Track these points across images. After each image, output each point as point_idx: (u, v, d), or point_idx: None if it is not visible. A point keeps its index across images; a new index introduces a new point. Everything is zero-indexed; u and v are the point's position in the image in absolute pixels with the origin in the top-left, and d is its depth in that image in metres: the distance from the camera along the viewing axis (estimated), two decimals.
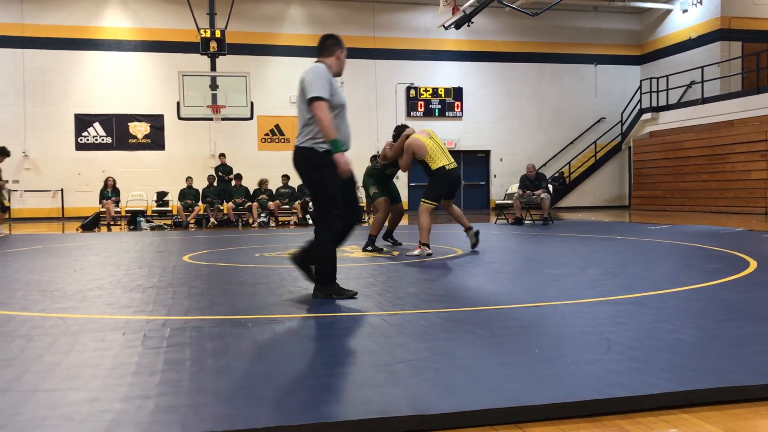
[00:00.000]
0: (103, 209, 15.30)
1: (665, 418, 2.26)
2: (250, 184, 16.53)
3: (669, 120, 20.29)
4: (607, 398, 2.33)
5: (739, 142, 17.14)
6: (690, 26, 21.40)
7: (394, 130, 8.47)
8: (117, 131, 20.00)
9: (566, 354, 2.95)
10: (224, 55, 16.04)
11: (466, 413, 2.22)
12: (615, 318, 3.70)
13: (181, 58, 19.37)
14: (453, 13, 18.92)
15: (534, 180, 13.73)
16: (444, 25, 20.18)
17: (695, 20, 21.17)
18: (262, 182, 16.24)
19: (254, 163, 19.81)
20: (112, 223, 15.41)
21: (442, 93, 22.25)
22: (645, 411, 2.31)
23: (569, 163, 23.06)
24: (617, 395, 2.35)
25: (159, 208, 16.73)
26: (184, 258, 7.52)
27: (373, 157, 11.44)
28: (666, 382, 2.48)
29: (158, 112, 20.12)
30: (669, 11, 22.32)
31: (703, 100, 19.01)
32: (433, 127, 22.39)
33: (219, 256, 7.74)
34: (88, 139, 19.85)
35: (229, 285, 5.27)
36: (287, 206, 16.05)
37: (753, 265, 6.01)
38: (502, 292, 4.75)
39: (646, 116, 21.16)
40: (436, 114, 22.18)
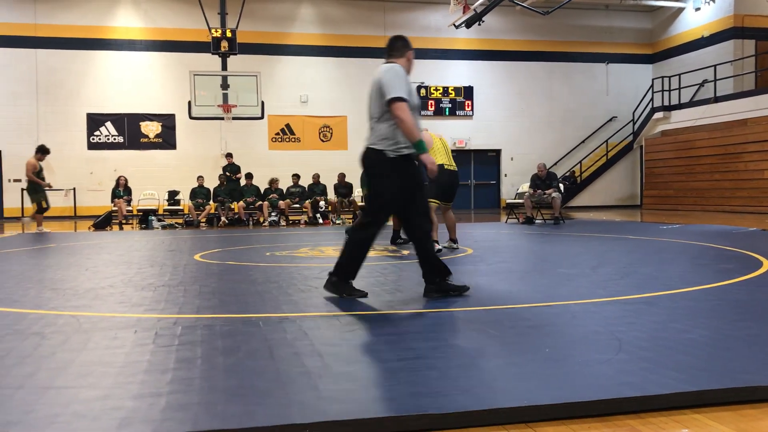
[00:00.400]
0: (115, 208, 15.39)
1: (677, 418, 2.25)
2: (261, 183, 16.57)
3: (681, 119, 20.17)
4: (617, 398, 2.32)
5: (752, 141, 17.01)
6: (702, 24, 21.25)
7: None
8: (129, 131, 20.10)
9: (577, 354, 2.94)
10: (235, 54, 16.08)
11: (476, 412, 2.21)
12: (626, 318, 3.69)
13: (193, 58, 19.44)
14: (464, 12, 18.89)
15: (545, 179, 13.68)
16: (455, 24, 20.14)
17: (708, 18, 21.02)
18: (273, 181, 16.28)
19: (265, 163, 19.85)
20: (123, 221, 15.50)
21: (453, 92, 22.20)
22: (656, 411, 2.30)
23: (580, 162, 22.97)
24: (628, 395, 2.34)
25: (170, 207, 16.81)
26: (196, 257, 7.55)
27: None
28: (677, 382, 2.47)
29: (170, 111, 20.20)
30: (681, 9, 22.18)
31: (716, 99, 18.88)
32: (443, 127, 22.43)
33: (230, 255, 7.77)
34: (100, 139, 19.96)
35: (239, 284, 5.29)
36: (298, 205, 16.08)
37: (766, 265, 5.97)
38: (512, 291, 4.74)
39: (658, 115, 21.04)
40: (447, 113, 22.14)
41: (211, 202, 16.11)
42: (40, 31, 19.53)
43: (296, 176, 16.69)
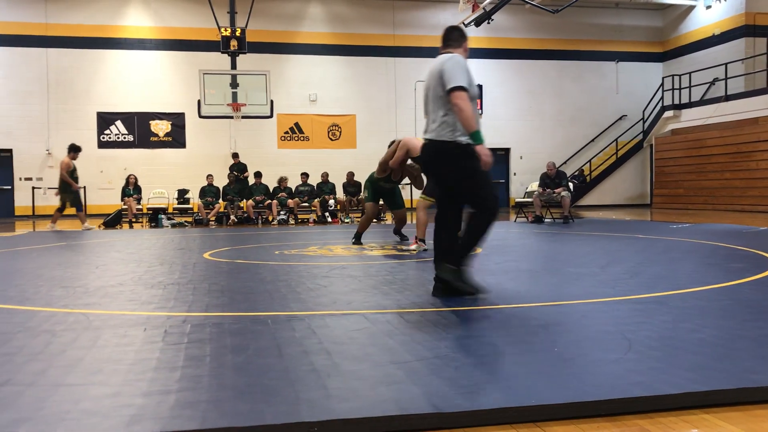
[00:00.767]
0: (125, 206, 15.46)
1: (686, 419, 2.24)
2: (270, 182, 16.60)
3: (691, 117, 20.06)
4: (627, 398, 2.31)
5: (764, 140, 16.90)
6: (714, 22, 21.12)
7: (390, 143, 8.47)
8: (139, 129, 20.19)
9: (586, 353, 2.93)
10: (244, 53, 16.12)
11: (485, 411, 2.21)
12: (635, 317, 3.67)
13: (202, 57, 19.51)
14: (473, 11, 18.86)
15: (554, 178, 13.64)
16: (464, 23, 20.08)
17: (719, 16, 20.89)
18: (282, 180, 16.31)
19: (274, 161, 19.90)
20: (133, 220, 15.57)
21: None
22: (666, 411, 2.29)
23: (590, 161, 22.89)
24: (637, 395, 2.33)
25: (180, 205, 16.87)
26: (205, 255, 7.58)
27: None
28: (687, 382, 2.46)
29: (179, 110, 20.28)
30: (692, 7, 22.05)
31: (727, 98, 18.77)
32: None
33: (239, 254, 7.79)
34: (110, 137, 20.06)
35: (248, 282, 5.30)
36: (306, 204, 16.10)
37: None
38: (521, 290, 4.72)
39: (668, 114, 20.94)
40: None
41: (220, 200, 16.16)
42: (51, 31, 19.64)
43: (305, 175, 16.72)
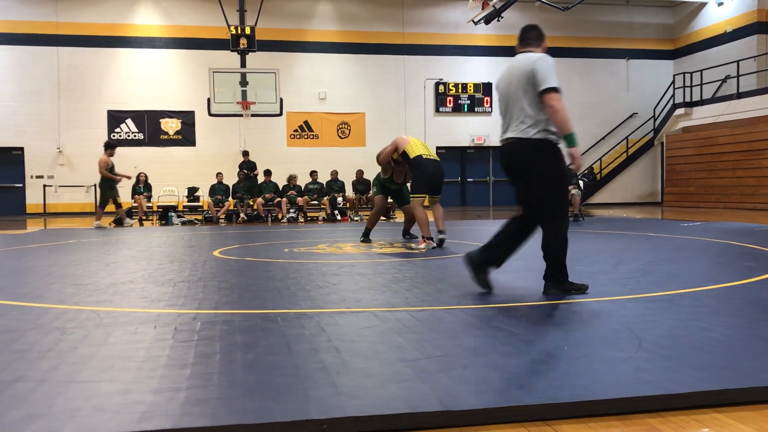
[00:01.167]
0: (136, 204, 15.53)
1: (697, 418, 2.23)
2: (280, 180, 16.63)
3: (703, 115, 19.94)
4: (637, 396, 2.30)
5: None
6: (725, 19, 20.97)
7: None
8: (149, 127, 20.27)
9: (596, 351, 2.92)
10: (254, 51, 16.14)
11: (495, 410, 2.21)
12: (646, 316, 3.65)
13: (212, 55, 19.54)
14: (482, 8, 18.80)
15: None
16: (473, 20, 20.04)
17: (731, 13, 20.74)
18: (291, 178, 16.33)
19: (283, 159, 19.93)
20: (144, 218, 15.63)
21: (471, 88, 22.13)
22: (676, 410, 2.28)
23: (600, 159, 22.79)
24: (648, 393, 2.32)
25: (190, 203, 16.92)
26: (215, 253, 7.60)
27: None
28: (698, 381, 2.44)
29: (189, 108, 20.34)
30: (704, 4, 21.91)
31: (739, 95, 18.64)
32: (461, 123, 22.38)
33: (249, 251, 7.81)
34: (120, 135, 20.13)
35: (258, 280, 5.31)
36: (316, 202, 16.12)
37: None
38: (531, 288, 4.71)
39: (680, 111, 20.82)
40: (465, 110, 22.07)
41: (230, 198, 16.20)
42: (62, 29, 19.74)
43: (314, 173, 16.74)
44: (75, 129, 19.87)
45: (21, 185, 19.90)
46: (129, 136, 20.17)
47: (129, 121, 20.18)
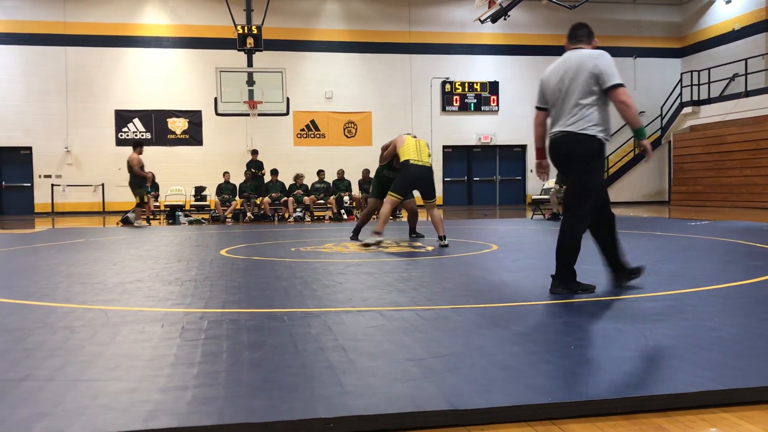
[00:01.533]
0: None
1: (705, 417, 2.22)
2: (286, 179, 16.66)
3: (711, 114, 19.85)
4: (644, 396, 2.30)
5: None
6: (734, 17, 20.87)
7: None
8: (156, 127, 20.33)
9: (603, 351, 2.91)
10: (260, 51, 16.16)
11: (501, 409, 2.21)
12: (653, 315, 3.64)
13: (219, 55, 19.58)
14: (489, 7, 18.78)
15: None
16: (480, 19, 20.01)
17: (739, 11, 20.65)
18: (298, 177, 16.35)
19: (290, 159, 19.96)
20: (151, 217, 15.67)
21: (478, 87, 22.10)
22: (684, 409, 2.27)
23: (607, 157, 22.72)
24: (655, 393, 2.31)
25: (197, 202, 16.96)
26: (222, 252, 7.62)
27: None
28: (706, 381, 2.44)
29: (196, 108, 20.39)
30: (711, 2, 21.82)
31: (747, 93, 18.55)
32: (468, 122, 22.33)
33: (255, 251, 7.82)
34: (128, 135, 20.21)
35: (265, 279, 5.32)
36: (322, 201, 16.14)
37: None
38: (538, 288, 4.70)
39: (687, 110, 20.74)
40: (472, 108, 22.05)
41: (237, 197, 16.23)
42: (70, 29, 19.82)
43: (321, 172, 16.76)
44: (83, 128, 19.96)
45: (29, 185, 20.00)
46: (136, 135, 20.22)
47: (136, 121, 20.25)
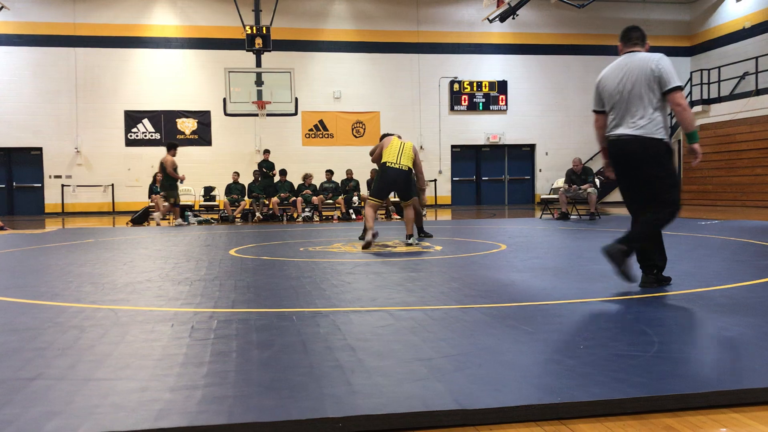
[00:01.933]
0: (152, 204, 15.63)
1: (715, 417, 2.21)
2: (295, 179, 16.69)
3: (721, 112, 19.74)
4: (654, 396, 2.29)
5: None
6: (744, 15, 20.75)
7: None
8: (165, 127, 20.41)
9: (612, 350, 2.90)
10: (269, 51, 16.20)
11: (510, 409, 2.20)
12: (662, 315, 3.63)
13: (228, 55, 19.65)
14: (497, 6, 18.76)
15: (580, 174, 13.53)
16: (488, 18, 20.00)
17: (749, 9, 20.53)
18: (307, 177, 16.38)
19: (299, 159, 20.00)
20: (161, 218, 15.72)
21: (486, 86, 22.06)
22: (694, 409, 2.26)
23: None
24: (664, 393, 2.30)
25: (206, 202, 17.01)
26: (231, 252, 7.64)
27: None
28: (715, 381, 2.43)
29: (205, 108, 20.46)
30: (722, 0, 21.69)
31: (757, 92, 18.44)
32: (476, 121, 22.30)
33: (264, 250, 7.84)
34: (137, 135, 20.30)
35: (274, 278, 5.33)
36: (331, 201, 16.15)
37: None
38: (546, 287, 4.69)
39: (697, 109, 20.62)
40: (480, 108, 22.02)
41: (246, 197, 16.28)
42: (79, 30, 19.92)
43: (329, 172, 16.78)
44: (92, 129, 20.06)
45: (40, 185, 20.13)
46: (146, 135, 20.32)
47: (146, 121, 20.33)
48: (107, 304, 4.19)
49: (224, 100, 16.14)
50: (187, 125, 20.53)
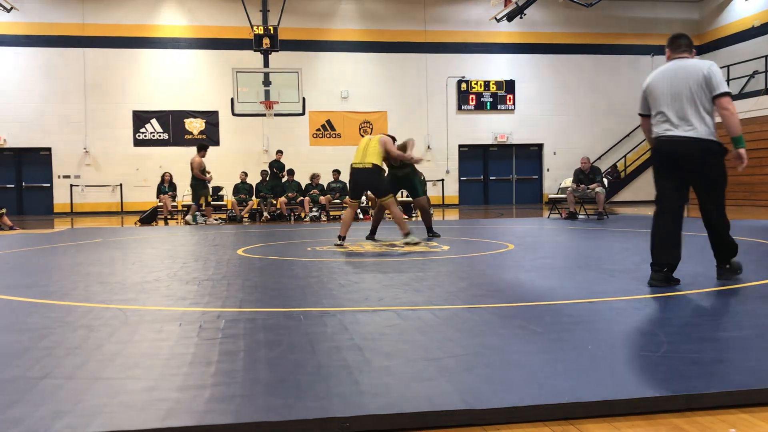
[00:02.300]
0: (161, 204, 15.69)
1: (723, 418, 2.20)
2: (302, 178, 16.70)
3: None
4: (662, 396, 2.28)
5: None
6: (753, 14, 20.64)
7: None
8: (173, 127, 20.47)
9: (620, 350, 2.89)
10: (277, 51, 16.24)
11: (517, 409, 2.20)
12: (671, 315, 3.62)
13: (235, 55, 19.69)
14: (505, 6, 18.74)
15: (588, 174, 13.49)
16: (496, 18, 19.98)
17: (759, 7, 20.41)
18: (314, 177, 16.39)
19: (306, 158, 20.01)
20: (168, 217, 15.79)
21: (494, 86, 22.03)
22: (702, 410, 2.25)
23: (625, 156, 22.56)
24: (673, 393, 2.30)
25: (214, 202, 17.03)
26: (239, 251, 7.65)
27: None
28: (725, 381, 2.41)
29: (213, 108, 20.51)
30: None
31: (767, 91, 18.34)
32: (484, 121, 22.29)
33: (272, 250, 7.85)
34: (145, 136, 20.37)
35: (281, 278, 5.34)
36: (338, 200, 16.15)
37: None
38: (554, 287, 4.68)
39: None
40: (488, 107, 21.99)
41: (253, 197, 16.30)
42: (88, 31, 20.01)
43: (337, 172, 16.77)
44: (101, 129, 20.14)
45: (49, 185, 20.23)
46: (154, 136, 20.39)
47: (154, 121, 20.40)
48: (116, 304, 4.21)
49: (232, 100, 16.18)
50: (195, 125, 20.59)
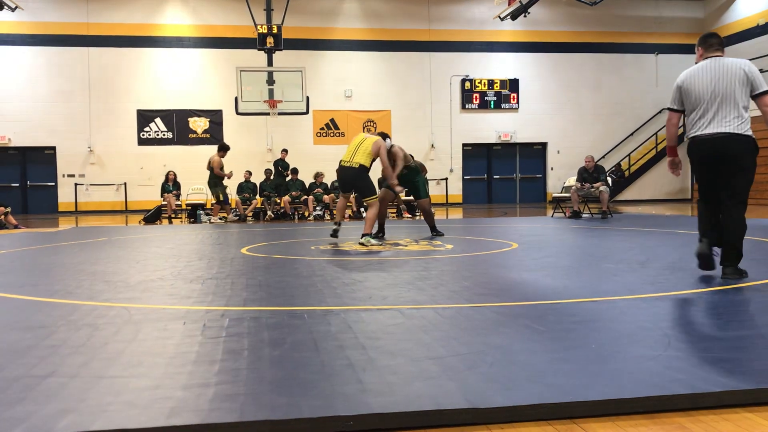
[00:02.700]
0: (165, 203, 15.71)
1: (728, 417, 2.20)
2: (306, 177, 16.71)
3: None
4: (666, 395, 2.27)
5: None
6: (758, 12, 20.58)
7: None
8: (177, 126, 20.50)
9: (624, 350, 2.89)
10: (281, 50, 16.24)
11: (521, 407, 2.20)
12: (676, 314, 3.61)
13: (239, 54, 19.70)
14: (509, 4, 18.72)
15: (592, 172, 13.47)
16: (500, 16, 19.97)
17: (764, 6, 20.35)
18: (318, 176, 16.40)
19: (310, 157, 20.01)
20: (173, 216, 15.81)
21: (498, 85, 22.01)
22: (707, 409, 2.25)
23: (629, 155, 22.53)
24: (677, 392, 2.29)
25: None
26: (243, 250, 7.66)
27: None
28: (729, 380, 2.41)
29: (217, 107, 20.53)
30: None
31: None
32: (488, 120, 22.29)
33: (276, 249, 7.86)
34: (149, 135, 20.41)
35: (285, 277, 5.34)
36: None
37: None
38: (558, 286, 4.68)
39: None
40: (492, 106, 21.96)
41: (257, 196, 16.32)
42: (92, 30, 20.05)
43: None
44: (105, 128, 20.18)
45: (53, 184, 20.28)
46: (158, 135, 20.42)
47: (158, 120, 20.44)
48: (120, 302, 4.22)
49: (236, 99, 16.19)
50: (199, 124, 20.61)
